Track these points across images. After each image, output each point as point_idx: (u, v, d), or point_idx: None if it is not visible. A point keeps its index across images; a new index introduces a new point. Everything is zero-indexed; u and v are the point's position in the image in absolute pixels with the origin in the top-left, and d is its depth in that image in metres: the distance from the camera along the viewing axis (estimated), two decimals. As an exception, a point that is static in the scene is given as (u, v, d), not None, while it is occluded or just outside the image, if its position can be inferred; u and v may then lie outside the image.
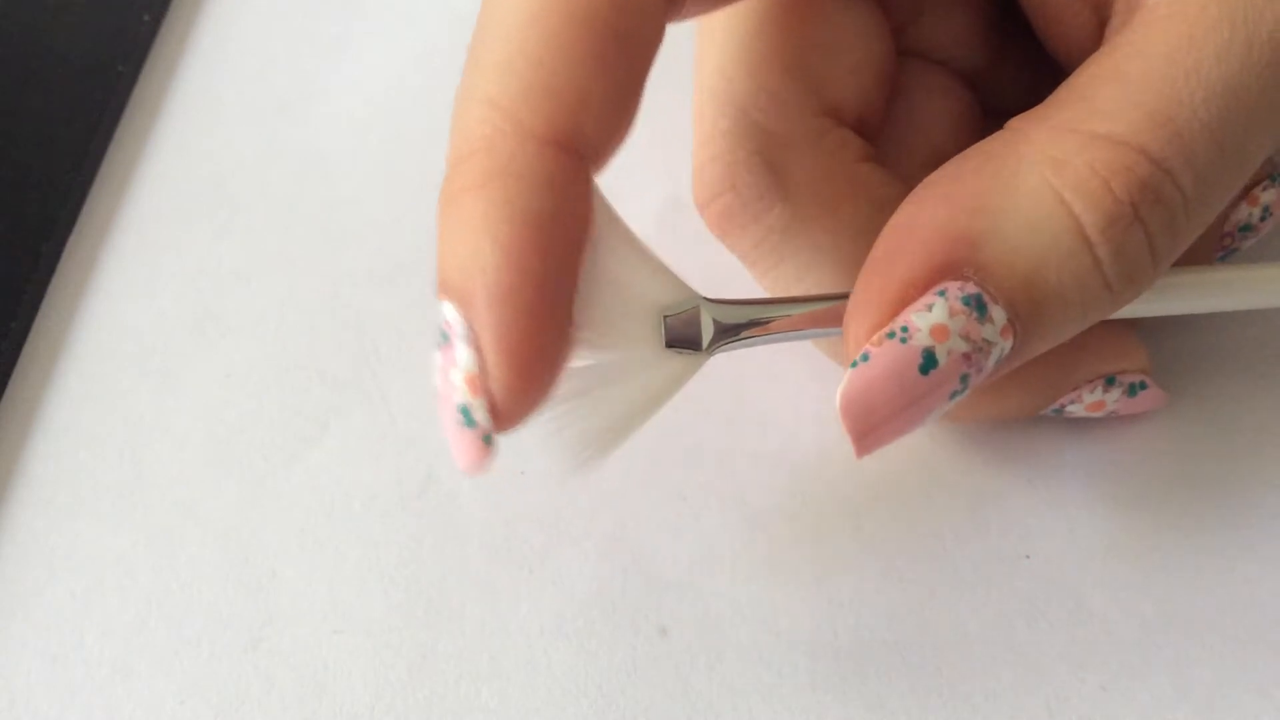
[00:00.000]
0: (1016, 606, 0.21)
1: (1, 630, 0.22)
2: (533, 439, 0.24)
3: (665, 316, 0.19)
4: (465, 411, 0.16)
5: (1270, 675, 0.20)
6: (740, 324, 0.19)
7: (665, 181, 0.27)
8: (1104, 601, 0.21)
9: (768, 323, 0.19)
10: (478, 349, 0.16)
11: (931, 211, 0.17)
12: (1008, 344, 0.17)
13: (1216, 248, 0.23)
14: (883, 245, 0.17)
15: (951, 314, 0.16)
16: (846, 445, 0.23)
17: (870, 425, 0.17)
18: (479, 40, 0.17)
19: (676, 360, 0.19)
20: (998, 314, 0.16)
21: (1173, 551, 0.22)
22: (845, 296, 0.19)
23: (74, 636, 0.22)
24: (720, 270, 0.24)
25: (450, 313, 0.16)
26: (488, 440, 0.17)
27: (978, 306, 0.16)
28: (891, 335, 0.16)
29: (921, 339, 0.16)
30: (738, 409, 0.24)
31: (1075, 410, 0.22)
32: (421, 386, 0.25)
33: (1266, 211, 0.22)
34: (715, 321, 0.19)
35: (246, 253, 0.28)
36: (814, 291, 0.21)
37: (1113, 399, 0.22)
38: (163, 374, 0.26)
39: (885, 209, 0.20)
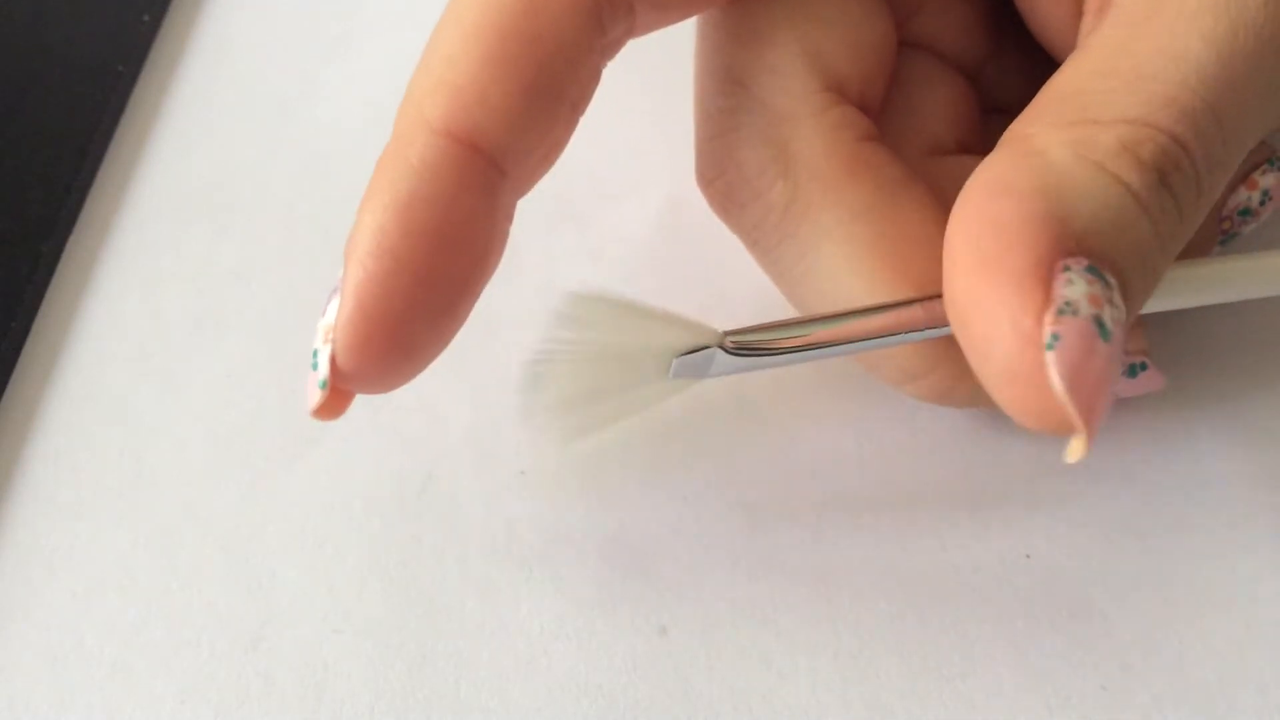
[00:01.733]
0: (1016, 606, 0.21)
1: (1, 630, 0.22)
2: (533, 441, 0.24)
3: (676, 359, 0.19)
4: (314, 355, 0.18)
5: (1270, 675, 0.20)
6: (752, 359, 0.19)
7: (665, 181, 0.27)
8: (1104, 601, 0.21)
9: (782, 341, 0.19)
10: (340, 303, 0.18)
11: (1004, 205, 0.16)
12: (1124, 313, 0.16)
13: (1216, 232, 0.23)
14: (976, 246, 0.16)
15: (1089, 283, 0.16)
16: (846, 438, 0.23)
17: (1094, 405, 0.16)
18: (427, 44, 0.19)
19: (676, 383, 0.19)
20: (1114, 282, 0.16)
21: (1173, 551, 0.22)
22: (848, 314, 0.19)
23: (74, 636, 0.22)
24: (720, 269, 0.24)
25: (340, 270, 0.18)
26: (322, 385, 0.18)
27: (1100, 276, 0.16)
28: (1062, 311, 0.16)
29: (1086, 309, 0.16)
30: (738, 409, 0.24)
31: None
32: (421, 386, 0.25)
33: (1266, 196, 0.22)
34: (722, 358, 0.19)
35: (246, 253, 0.28)
36: (813, 273, 0.21)
37: None
38: (163, 374, 0.26)
39: (887, 189, 0.20)
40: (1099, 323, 0.16)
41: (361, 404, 0.25)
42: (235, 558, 0.23)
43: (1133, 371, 0.22)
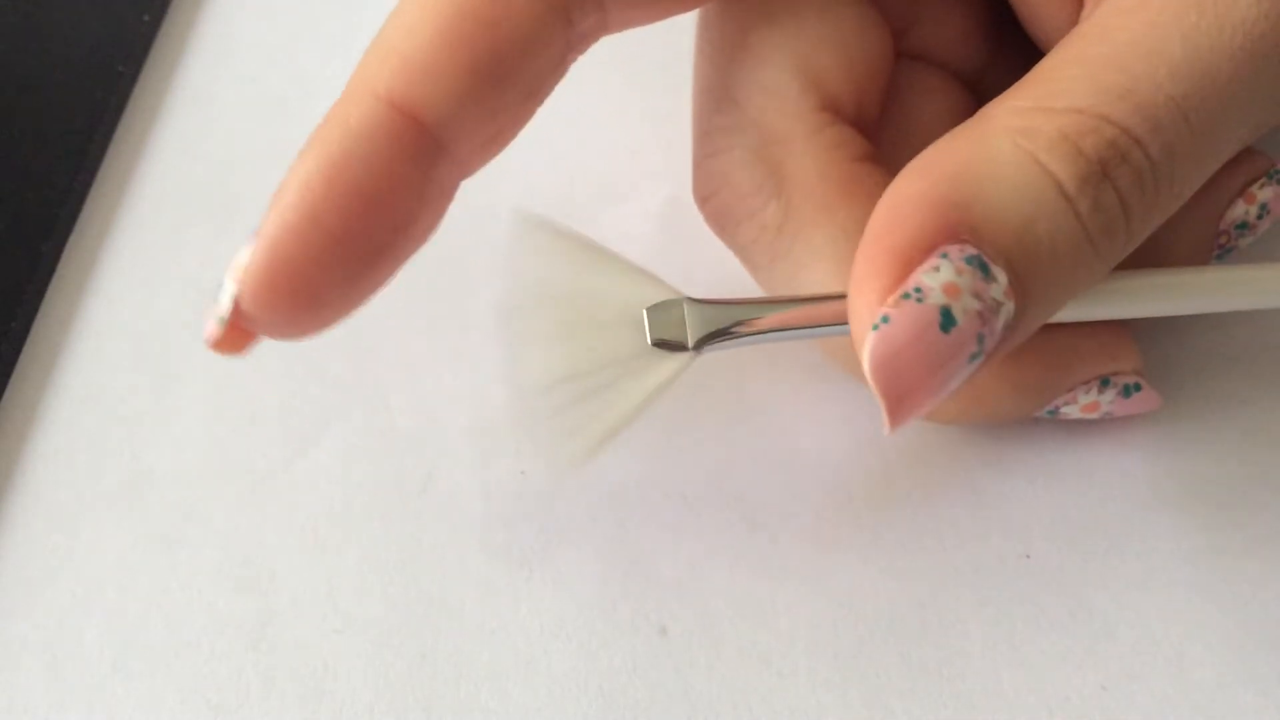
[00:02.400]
0: (1016, 607, 0.21)
1: (1, 630, 0.22)
2: (530, 439, 0.24)
3: (648, 313, 0.19)
4: (220, 286, 0.18)
5: (1270, 675, 0.20)
6: (726, 322, 0.19)
7: (665, 181, 0.27)
8: (1104, 601, 0.21)
9: (754, 321, 0.19)
10: (254, 248, 0.18)
11: (916, 185, 0.17)
12: (1012, 306, 0.16)
13: (1213, 246, 0.23)
14: (874, 224, 0.17)
15: (958, 273, 0.16)
16: (845, 438, 0.23)
17: (902, 389, 0.16)
18: (389, 14, 0.19)
19: (664, 361, 0.19)
20: (999, 274, 0.16)
21: (1172, 552, 0.22)
22: (835, 297, 0.19)
23: (74, 636, 0.22)
24: (720, 270, 0.24)
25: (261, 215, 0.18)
26: (220, 322, 0.18)
27: (980, 266, 0.16)
28: (906, 296, 0.16)
29: (936, 297, 0.16)
30: (737, 408, 0.24)
31: (1070, 412, 0.22)
32: (422, 386, 0.25)
33: (1264, 209, 0.22)
34: (700, 319, 0.19)
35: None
36: (809, 290, 0.21)
37: (1107, 400, 0.22)
38: (163, 374, 0.26)
39: None
40: (945, 313, 0.16)
41: (361, 404, 0.25)
42: (235, 558, 0.23)
43: (1127, 392, 0.22)
